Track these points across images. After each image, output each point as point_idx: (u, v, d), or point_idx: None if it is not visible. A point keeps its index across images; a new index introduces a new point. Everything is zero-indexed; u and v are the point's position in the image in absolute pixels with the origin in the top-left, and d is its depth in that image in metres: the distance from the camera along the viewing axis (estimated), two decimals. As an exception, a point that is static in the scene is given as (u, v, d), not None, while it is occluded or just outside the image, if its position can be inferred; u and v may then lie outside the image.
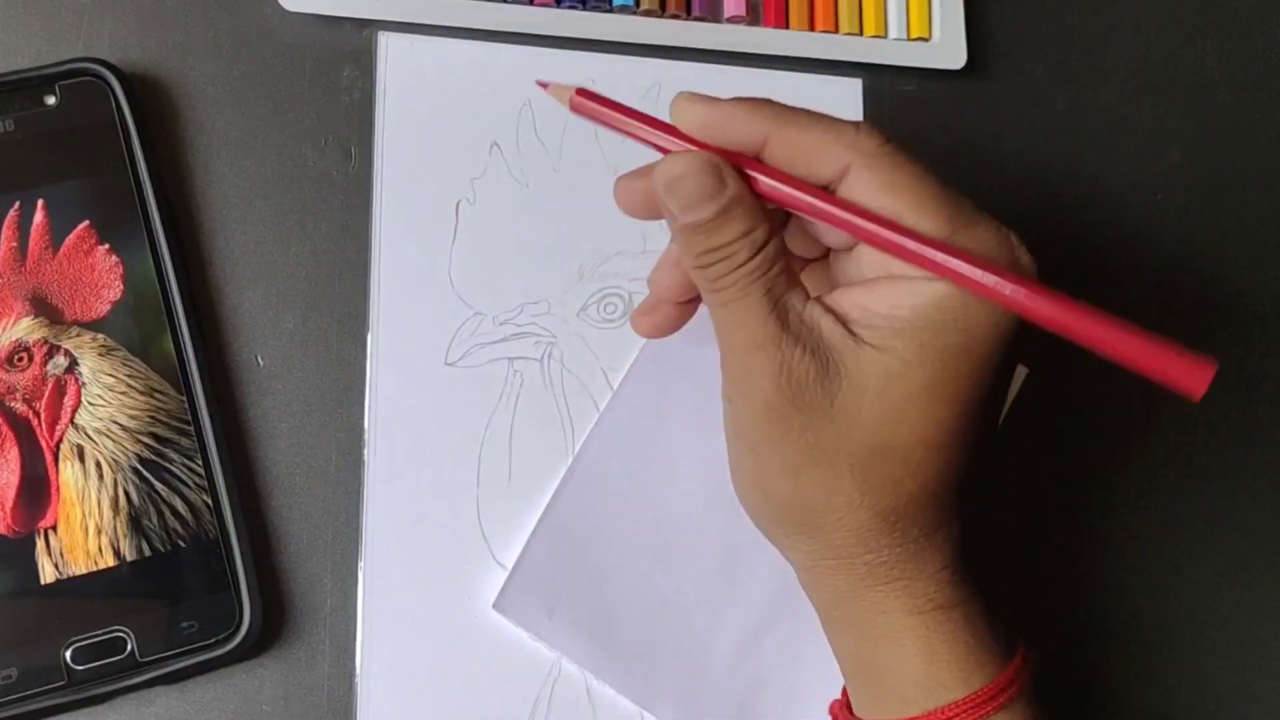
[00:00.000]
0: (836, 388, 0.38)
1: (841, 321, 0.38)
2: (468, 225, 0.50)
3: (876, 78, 0.54)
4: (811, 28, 0.53)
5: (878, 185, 0.37)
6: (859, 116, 0.53)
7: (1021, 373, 0.52)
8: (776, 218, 0.39)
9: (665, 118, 0.53)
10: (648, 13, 0.52)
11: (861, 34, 0.54)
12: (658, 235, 0.51)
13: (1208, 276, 0.55)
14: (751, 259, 0.38)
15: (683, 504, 0.49)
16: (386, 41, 0.51)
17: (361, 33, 0.51)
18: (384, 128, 0.50)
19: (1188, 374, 0.34)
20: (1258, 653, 0.52)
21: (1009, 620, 0.42)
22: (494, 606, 0.47)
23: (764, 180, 0.38)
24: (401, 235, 0.50)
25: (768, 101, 0.39)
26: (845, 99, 0.53)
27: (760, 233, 0.38)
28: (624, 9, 0.52)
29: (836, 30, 0.53)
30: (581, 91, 0.40)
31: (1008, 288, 0.36)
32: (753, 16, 0.53)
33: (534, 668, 0.48)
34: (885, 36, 0.54)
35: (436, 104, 0.51)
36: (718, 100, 0.39)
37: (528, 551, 0.48)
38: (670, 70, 0.52)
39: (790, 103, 0.53)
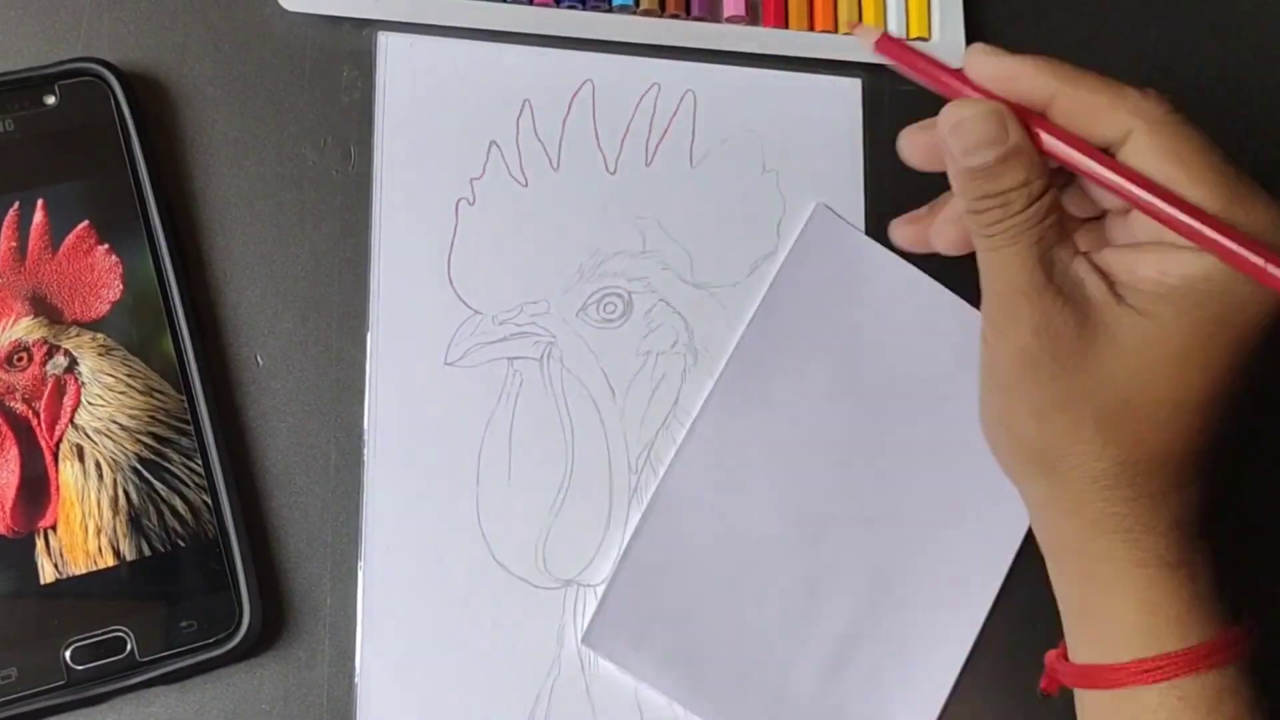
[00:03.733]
0: (1092, 341, 0.39)
1: (1107, 280, 0.39)
2: (467, 225, 0.50)
3: (876, 77, 0.54)
4: (811, 27, 0.53)
5: (1160, 152, 0.38)
6: (859, 116, 0.53)
7: None
8: (1055, 175, 0.40)
9: (663, 118, 0.53)
10: (647, 12, 0.52)
11: (861, 34, 0.54)
12: (657, 235, 0.51)
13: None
14: (1026, 209, 0.39)
15: (763, 533, 0.49)
16: (386, 41, 0.51)
17: (361, 32, 0.51)
18: (383, 127, 0.50)
19: None
20: None
21: (1241, 596, 0.42)
22: (583, 641, 0.48)
23: (1047, 138, 0.39)
24: (401, 235, 0.50)
25: (1058, 60, 0.40)
26: (845, 99, 0.53)
27: (1037, 184, 0.39)
28: (623, 9, 0.52)
29: (836, 30, 0.53)
30: (885, 36, 0.42)
31: (1274, 269, 0.37)
32: (752, 16, 0.53)
33: (534, 667, 0.48)
34: (884, 36, 0.54)
35: (436, 104, 0.51)
36: (1010, 54, 0.40)
37: (613, 585, 0.48)
38: (670, 70, 0.52)
39: (788, 103, 0.53)
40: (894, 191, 0.53)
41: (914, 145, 0.44)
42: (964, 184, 0.40)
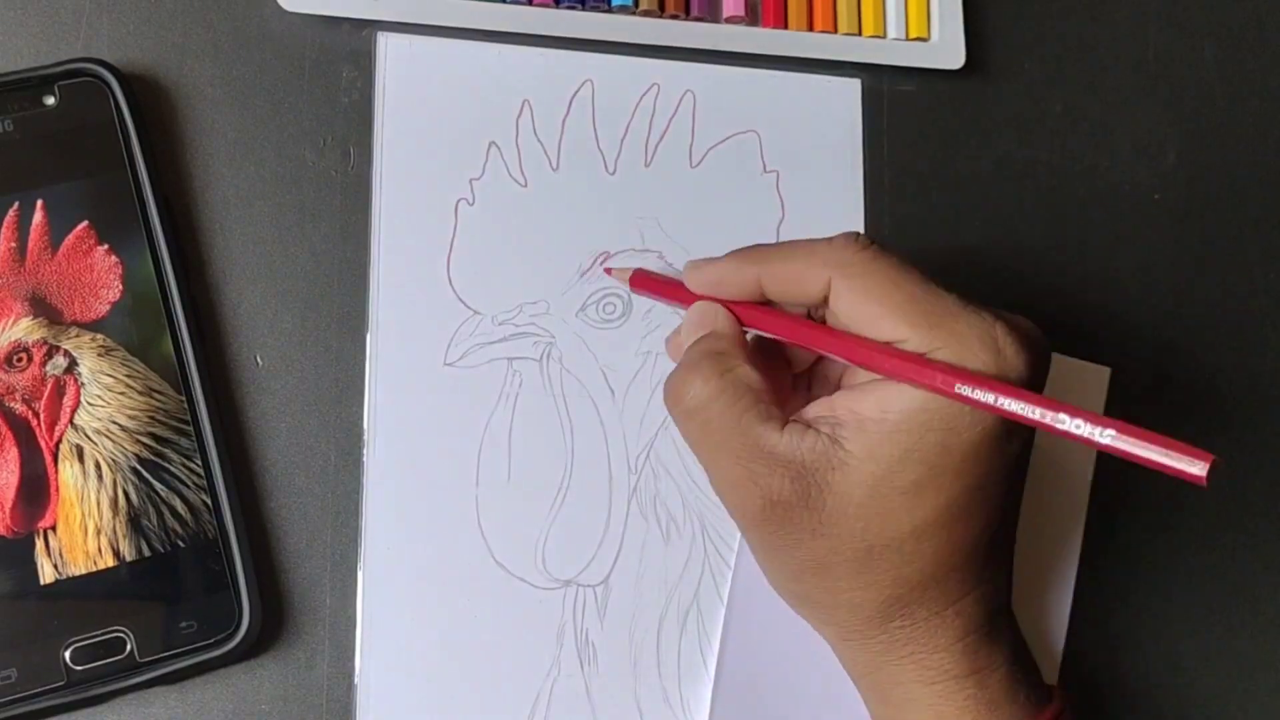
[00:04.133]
0: (821, 504, 0.40)
1: (828, 431, 0.40)
2: (466, 225, 0.50)
3: (875, 77, 0.54)
4: (810, 28, 0.53)
5: (855, 294, 0.40)
6: (858, 116, 0.53)
7: (1104, 374, 0.52)
8: (759, 354, 0.44)
9: (663, 119, 0.53)
10: (646, 13, 0.52)
11: (860, 34, 0.54)
12: (656, 236, 0.51)
13: (1205, 277, 0.55)
14: (727, 377, 0.42)
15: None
16: (385, 42, 0.51)
17: (360, 33, 0.51)
18: (383, 128, 0.50)
19: (1187, 469, 0.34)
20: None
21: (1048, 680, 0.43)
22: None
23: (748, 318, 0.44)
24: (400, 235, 0.50)
25: (757, 247, 0.44)
26: (844, 99, 0.53)
27: (737, 364, 0.42)
28: (622, 9, 0.52)
29: (835, 30, 0.53)
30: (637, 274, 0.48)
31: (981, 396, 0.37)
32: (751, 16, 0.53)
33: (533, 666, 0.48)
34: (884, 36, 0.54)
35: (435, 104, 0.51)
36: (715, 261, 0.44)
37: (715, 708, 0.48)
38: (669, 70, 0.52)
39: (788, 103, 0.53)
40: (893, 191, 0.53)
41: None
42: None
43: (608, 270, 0.50)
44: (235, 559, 0.45)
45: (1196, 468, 0.34)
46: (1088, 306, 0.54)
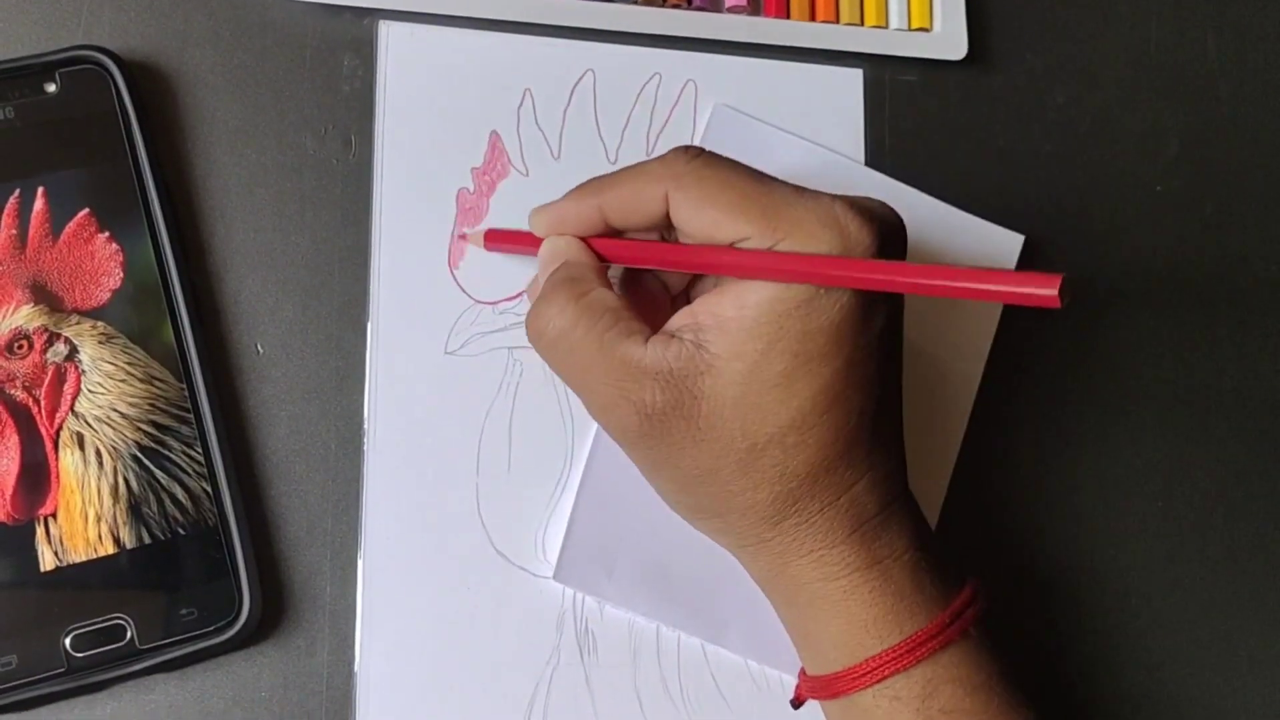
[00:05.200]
0: (696, 411, 0.40)
1: (691, 338, 0.40)
2: (468, 214, 0.50)
3: (877, 68, 0.54)
4: (813, 18, 0.53)
5: (692, 202, 0.41)
6: (860, 106, 0.53)
7: (1017, 240, 0.53)
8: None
9: (664, 108, 0.53)
10: (649, 2, 0.52)
11: (863, 24, 0.53)
12: (658, 225, 0.51)
13: (1206, 269, 0.55)
14: (583, 301, 0.42)
15: None
16: (387, 30, 0.51)
17: (362, 21, 0.51)
18: (384, 116, 0.50)
19: (1037, 291, 0.34)
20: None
21: (961, 565, 0.43)
22: (554, 578, 0.48)
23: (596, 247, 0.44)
24: (401, 223, 0.49)
25: (593, 180, 0.44)
26: (846, 89, 0.53)
27: (591, 287, 0.42)
28: (625, -2, 0.52)
29: (838, 20, 0.53)
30: (490, 232, 0.49)
31: (826, 273, 0.38)
32: (754, 6, 0.53)
33: (534, 655, 0.48)
34: (886, 27, 0.54)
35: (437, 92, 0.50)
36: (555, 202, 0.45)
37: (575, 518, 0.48)
38: (671, 60, 0.52)
39: (790, 93, 0.53)
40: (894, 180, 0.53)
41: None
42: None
43: (462, 237, 0.50)
44: (235, 546, 0.45)
45: (1047, 289, 0.34)
46: (1090, 298, 0.54)
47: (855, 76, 0.54)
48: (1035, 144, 0.55)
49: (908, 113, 0.54)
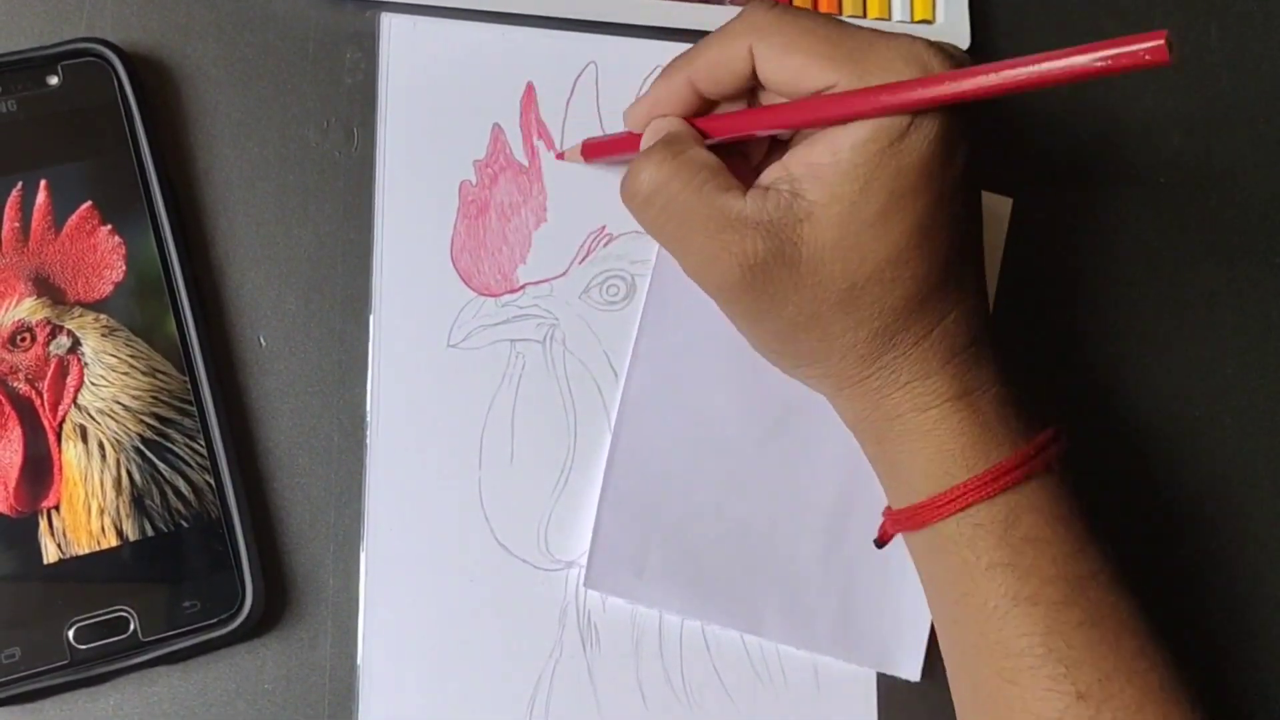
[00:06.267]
0: (798, 257, 0.41)
1: (788, 188, 0.41)
2: (470, 207, 0.50)
3: (880, 60, 0.54)
4: (816, 9, 0.53)
5: (777, 51, 0.42)
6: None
7: (1006, 203, 0.53)
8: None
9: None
10: (651, -6, 0.52)
11: (865, 16, 0.53)
12: (660, 217, 0.51)
13: (1210, 260, 0.55)
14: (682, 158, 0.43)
15: (730, 428, 0.50)
16: (389, 23, 0.51)
17: (364, 14, 0.51)
18: (387, 109, 0.50)
19: (1144, 52, 0.35)
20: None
21: (1046, 405, 0.44)
22: (584, 584, 0.48)
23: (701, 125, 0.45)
24: (404, 216, 0.49)
25: (677, 57, 0.45)
26: (848, 81, 0.53)
27: (689, 146, 0.43)
28: (627, -10, 0.52)
29: (840, 12, 0.53)
30: (587, 144, 0.50)
31: (919, 94, 0.39)
32: (756, -2, 0.53)
33: (536, 648, 0.48)
34: (889, 19, 0.54)
35: (439, 85, 0.50)
36: (643, 94, 0.46)
37: (600, 521, 0.48)
38: (673, 52, 0.52)
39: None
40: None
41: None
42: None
43: (560, 156, 0.50)
44: (238, 539, 0.45)
45: (1154, 42, 0.35)
46: (1092, 290, 0.54)
47: (858, 69, 0.53)
48: (1037, 136, 0.55)
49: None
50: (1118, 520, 0.47)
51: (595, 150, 0.49)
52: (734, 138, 0.44)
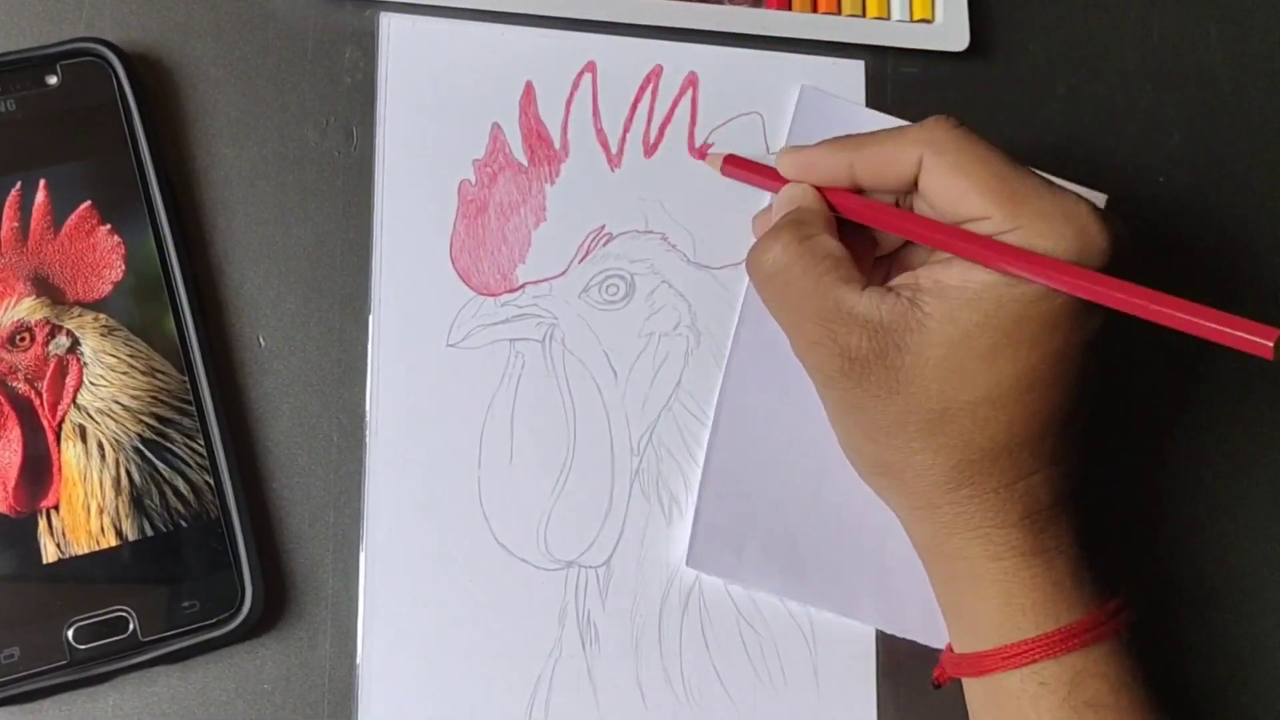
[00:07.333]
0: (899, 363, 0.41)
1: (909, 295, 0.42)
2: (469, 206, 0.50)
3: (879, 59, 0.54)
4: (814, 9, 0.53)
5: (946, 170, 0.42)
6: (861, 98, 0.53)
7: (1100, 198, 0.52)
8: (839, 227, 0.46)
9: (666, 100, 0.53)
10: (650, -6, 0.52)
11: (864, 15, 0.53)
12: (659, 216, 0.51)
13: (1210, 259, 0.55)
14: (808, 243, 0.44)
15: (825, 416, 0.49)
16: (388, 22, 0.51)
17: (363, 13, 0.51)
18: (386, 108, 0.50)
19: (1252, 341, 0.37)
20: None
21: (1114, 573, 0.44)
22: (687, 564, 0.49)
23: (839, 202, 0.46)
24: (403, 216, 0.49)
25: (850, 136, 0.46)
26: (848, 80, 0.53)
27: (820, 234, 0.44)
28: (626, -10, 0.51)
29: (839, 12, 0.53)
30: (729, 159, 0.50)
31: (1060, 281, 0.39)
32: (755, -2, 0.53)
33: (535, 648, 0.48)
34: (888, 18, 0.54)
35: (438, 85, 0.50)
36: (809, 146, 0.47)
37: (702, 502, 0.49)
38: (672, 51, 0.52)
39: (792, 84, 0.53)
40: (897, 174, 0.53)
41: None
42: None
43: (700, 155, 0.51)
44: (237, 539, 0.45)
45: (1263, 339, 0.36)
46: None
47: (857, 68, 0.53)
48: (1037, 135, 0.55)
49: (910, 104, 0.54)
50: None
51: (736, 170, 0.50)
52: (863, 218, 0.46)
